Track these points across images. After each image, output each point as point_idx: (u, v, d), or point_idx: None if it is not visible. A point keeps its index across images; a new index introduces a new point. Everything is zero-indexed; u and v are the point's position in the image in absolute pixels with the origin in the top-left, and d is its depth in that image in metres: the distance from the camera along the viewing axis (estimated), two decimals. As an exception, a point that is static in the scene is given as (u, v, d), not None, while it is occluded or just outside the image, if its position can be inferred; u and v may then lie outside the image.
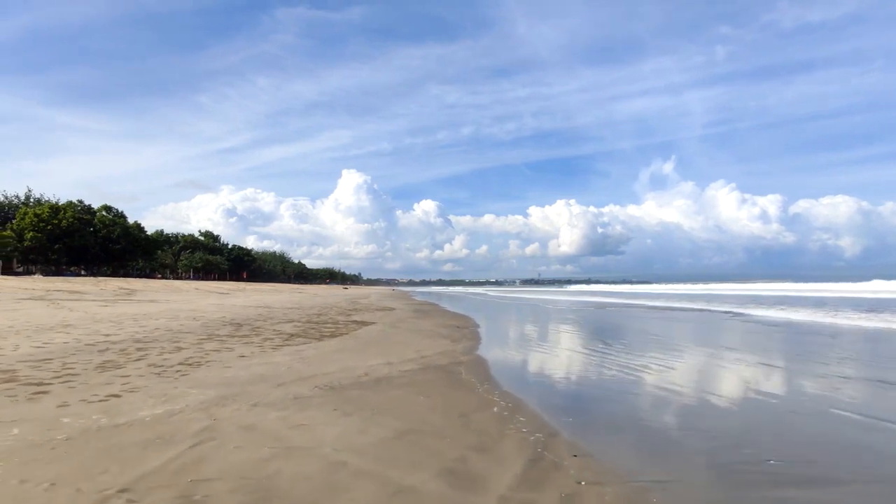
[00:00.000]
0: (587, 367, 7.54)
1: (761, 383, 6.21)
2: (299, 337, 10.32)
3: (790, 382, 6.34)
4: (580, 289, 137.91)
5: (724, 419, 4.57)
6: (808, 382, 6.26)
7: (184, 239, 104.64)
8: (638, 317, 19.44)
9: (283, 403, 4.64)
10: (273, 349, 8.39)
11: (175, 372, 6.00)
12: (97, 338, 8.95)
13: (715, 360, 8.08)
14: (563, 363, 7.89)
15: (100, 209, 67.79)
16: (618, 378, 6.47)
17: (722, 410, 4.89)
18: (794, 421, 4.49)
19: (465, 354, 8.42)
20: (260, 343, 9.11)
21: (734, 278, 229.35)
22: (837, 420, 4.54)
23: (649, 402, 5.19)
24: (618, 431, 4.16)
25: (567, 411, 4.77)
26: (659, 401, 5.24)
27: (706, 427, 4.27)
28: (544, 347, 9.96)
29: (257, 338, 9.92)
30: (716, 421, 4.49)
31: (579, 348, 9.71)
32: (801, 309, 22.44)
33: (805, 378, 6.59)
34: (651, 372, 6.87)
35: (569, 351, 9.37)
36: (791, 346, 10.63)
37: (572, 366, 7.67)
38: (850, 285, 78.28)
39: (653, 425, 4.32)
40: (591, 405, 5.12)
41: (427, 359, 7.76)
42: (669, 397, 5.38)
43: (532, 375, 6.99)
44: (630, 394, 5.58)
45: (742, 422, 4.50)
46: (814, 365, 7.54)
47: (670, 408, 4.95)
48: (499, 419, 4.38)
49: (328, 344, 9.36)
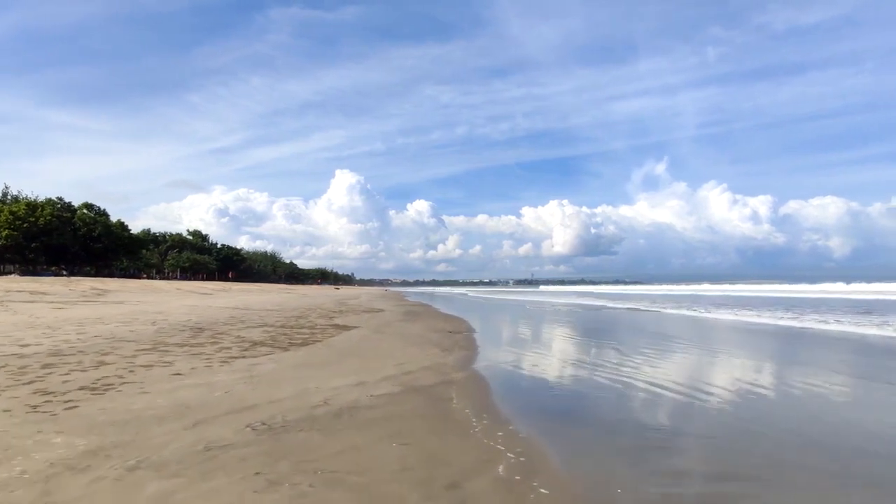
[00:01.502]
0: (616, 384, 6.05)
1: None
2: (263, 346, 8.73)
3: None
4: (552, 289, 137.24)
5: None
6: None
7: (171, 238, 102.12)
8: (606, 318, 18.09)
9: (180, 462, 3.07)
10: (222, 363, 6.81)
11: (62, 403, 4.41)
12: (8, 349, 7.32)
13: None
14: (582, 379, 6.39)
15: (80, 207, 65.39)
16: (653, 398, 4.97)
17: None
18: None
19: (459, 370, 6.88)
20: (210, 355, 7.52)
21: (725, 279, 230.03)
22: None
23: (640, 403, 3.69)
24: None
25: (612, 468, 3.25)
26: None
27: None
28: (553, 356, 8.47)
29: (212, 347, 8.33)
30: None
31: (602, 359, 8.22)
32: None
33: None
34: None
35: (589, 364, 7.88)
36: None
37: (596, 382, 6.17)
38: (831, 286, 78.73)
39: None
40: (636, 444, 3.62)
41: (410, 376, 6.21)
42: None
43: (545, 400, 5.46)
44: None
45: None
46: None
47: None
48: (508, 489, 2.85)
49: (294, 355, 7.78)
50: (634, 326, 15.15)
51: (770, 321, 16.23)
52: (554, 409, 4.93)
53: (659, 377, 6.39)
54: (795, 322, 15.76)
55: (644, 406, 4.98)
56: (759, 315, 18.83)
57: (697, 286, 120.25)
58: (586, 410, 4.91)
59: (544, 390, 5.83)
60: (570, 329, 14.44)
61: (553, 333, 13.18)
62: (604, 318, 18.99)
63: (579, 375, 6.76)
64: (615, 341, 10.86)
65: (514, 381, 6.40)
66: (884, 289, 59.06)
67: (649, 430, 4.10)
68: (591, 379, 6.40)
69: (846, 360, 8.46)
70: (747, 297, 47.64)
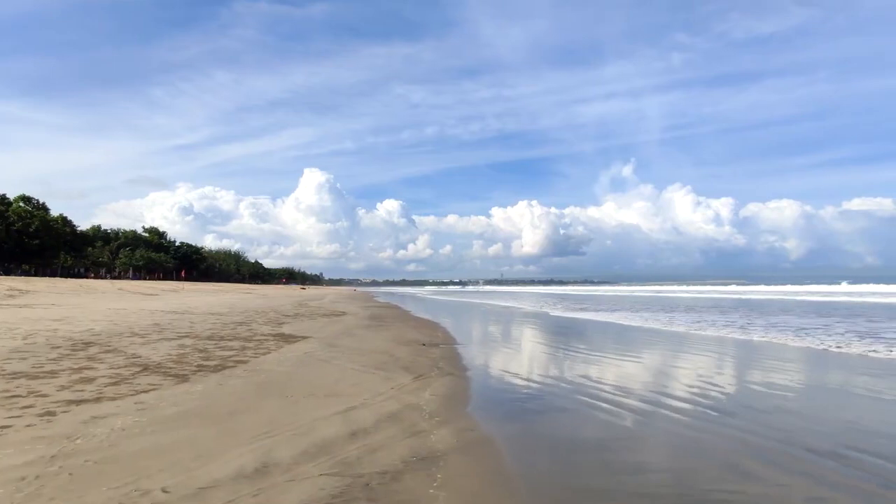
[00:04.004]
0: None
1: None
2: (156, 372, 5.92)
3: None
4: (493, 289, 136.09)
5: None
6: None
7: (124, 235, 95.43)
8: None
9: None
10: (42, 415, 4.01)
11: None
12: None
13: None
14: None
15: (16, 199, 59.47)
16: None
17: None
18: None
19: (444, 421, 4.25)
20: (46, 395, 4.68)
21: (690, 280, 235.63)
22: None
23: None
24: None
25: None
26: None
27: None
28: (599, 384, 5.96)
29: (68, 377, 5.47)
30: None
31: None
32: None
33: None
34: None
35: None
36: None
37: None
38: (778, 287, 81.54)
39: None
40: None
41: (360, 444, 3.57)
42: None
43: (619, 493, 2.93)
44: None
45: None
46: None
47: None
48: None
49: (186, 393, 5.02)
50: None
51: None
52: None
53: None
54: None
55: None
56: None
57: (661, 287, 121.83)
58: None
59: (605, 469, 3.32)
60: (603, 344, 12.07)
61: (572, 345, 10.75)
62: (614, 333, 16.79)
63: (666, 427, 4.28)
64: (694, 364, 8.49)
65: (551, 447, 3.84)
66: (834, 290, 62.09)
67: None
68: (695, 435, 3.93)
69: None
70: (708, 298, 46.51)
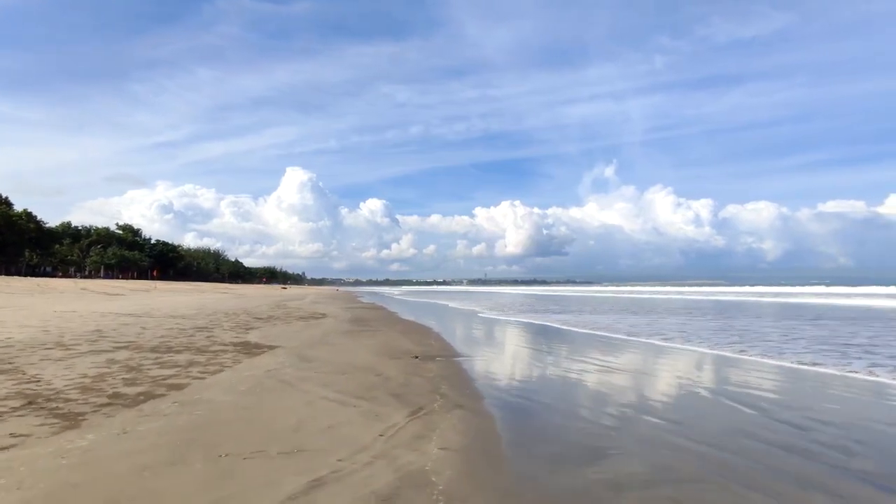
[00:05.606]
0: None
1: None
2: (34, 412, 4.12)
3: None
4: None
5: None
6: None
7: (96, 232, 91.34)
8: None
9: None
10: None
11: None
12: None
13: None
14: None
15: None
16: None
17: None
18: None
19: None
20: None
21: (670, 280, 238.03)
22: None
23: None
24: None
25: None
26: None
27: None
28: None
29: None
30: None
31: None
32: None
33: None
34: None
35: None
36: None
37: None
38: (766, 288, 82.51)
39: None
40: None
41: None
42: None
43: None
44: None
45: None
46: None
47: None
48: None
49: (42, 460, 3.26)
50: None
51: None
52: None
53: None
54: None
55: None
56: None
57: (643, 287, 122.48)
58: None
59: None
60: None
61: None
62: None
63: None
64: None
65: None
66: (806, 291, 63.43)
67: None
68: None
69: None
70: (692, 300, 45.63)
